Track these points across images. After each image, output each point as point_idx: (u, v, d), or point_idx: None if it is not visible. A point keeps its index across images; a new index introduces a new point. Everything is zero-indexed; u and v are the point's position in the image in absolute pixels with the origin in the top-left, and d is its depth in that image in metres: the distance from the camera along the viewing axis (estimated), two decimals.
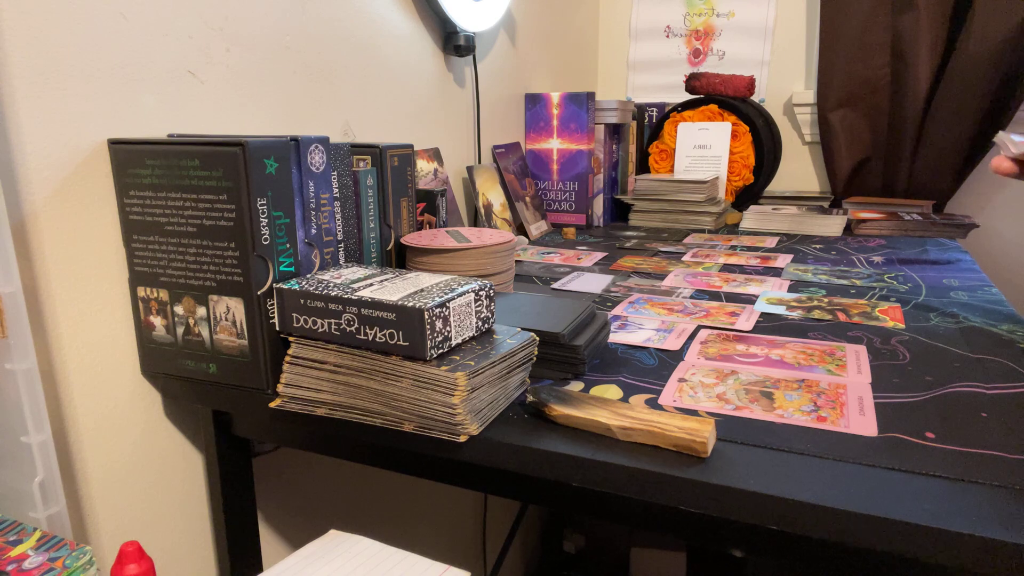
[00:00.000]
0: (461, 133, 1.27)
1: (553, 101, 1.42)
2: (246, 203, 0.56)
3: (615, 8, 1.92)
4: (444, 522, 1.33)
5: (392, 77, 1.06)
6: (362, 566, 0.41)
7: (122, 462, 0.68)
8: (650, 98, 1.91)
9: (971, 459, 0.47)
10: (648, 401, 0.58)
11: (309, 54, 0.88)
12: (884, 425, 0.52)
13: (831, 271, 1.04)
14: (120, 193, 0.63)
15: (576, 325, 0.65)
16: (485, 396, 0.54)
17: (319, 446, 0.64)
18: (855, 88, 1.57)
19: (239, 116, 0.78)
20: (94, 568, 0.46)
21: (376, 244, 0.75)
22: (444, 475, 0.58)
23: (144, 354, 0.67)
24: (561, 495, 0.54)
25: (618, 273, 1.04)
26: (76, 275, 0.62)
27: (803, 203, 1.63)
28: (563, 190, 1.45)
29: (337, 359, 0.57)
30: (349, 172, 0.69)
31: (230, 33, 0.76)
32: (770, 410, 0.56)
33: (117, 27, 0.64)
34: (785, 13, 1.74)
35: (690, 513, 0.48)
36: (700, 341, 0.72)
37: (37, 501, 0.52)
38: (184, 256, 0.61)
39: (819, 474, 0.46)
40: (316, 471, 0.96)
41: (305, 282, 0.59)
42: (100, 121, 0.63)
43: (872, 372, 0.63)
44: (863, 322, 0.78)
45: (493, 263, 0.79)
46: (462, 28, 1.17)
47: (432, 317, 0.52)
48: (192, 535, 0.77)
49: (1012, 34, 1.38)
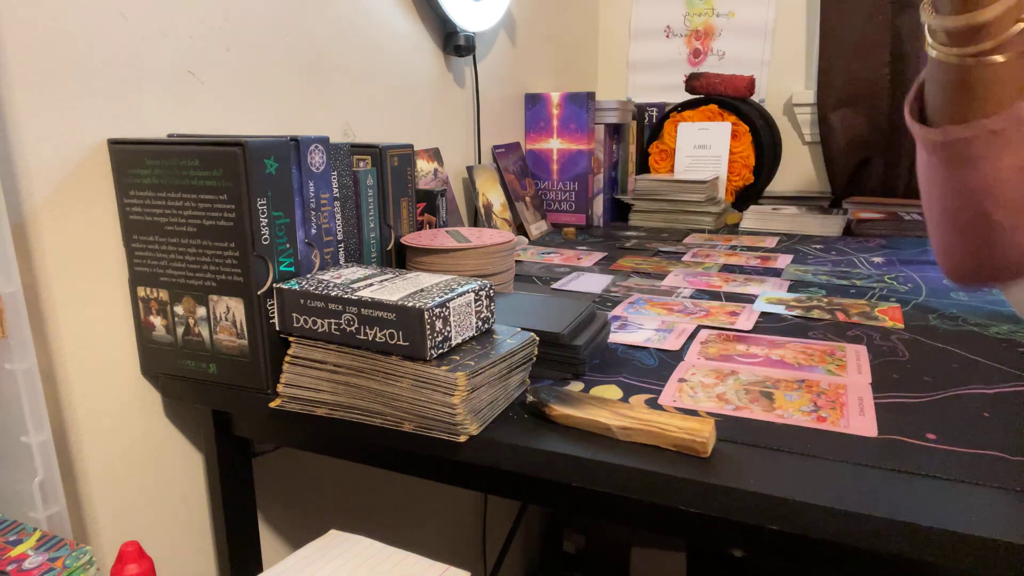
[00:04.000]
0: (461, 133, 1.27)
1: (553, 101, 1.42)
2: (246, 203, 0.56)
3: (615, 8, 1.92)
4: (444, 522, 1.33)
5: (392, 77, 1.06)
6: (362, 566, 0.41)
7: (122, 462, 0.68)
8: (650, 98, 1.91)
9: (971, 460, 0.47)
10: (648, 401, 0.58)
11: (309, 54, 0.88)
12: (884, 426, 0.52)
13: (831, 271, 1.04)
14: (120, 193, 0.63)
15: (576, 325, 0.65)
16: (485, 396, 0.54)
17: (319, 446, 0.64)
18: (855, 88, 1.57)
19: (239, 116, 0.78)
20: (94, 568, 0.46)
21: (376, 244, 0.75)
22: (444, 475, 0.58)
23: (144, 354, 0.67)
24: (561, 495, 0.54)
25: (618, 273, 1.04)
26: (76, 275, 0.62)
27: (803, 203, 1.63)
28: (563, 190, 1.45)
29: (337, 359, 0.57)
30: (349, 172, 0.69)
31: (230, 33, 0.76)
32: (770, 410, 0.56)
33: (117, 27, 0.64)
34: (785, 13, 1.74)
35: (690, 513, 0.48)
36: (700, 341, 0.72)
37: (37, 501, 0.52)
38: (184, 256, 0.61)
39: (819, 474, 0.46)
40: (316, 471, 0.96)
41: (305, 282, 0.59)
42: (100, 121, 0.63)
43: (872, 372, 0.63)
44: (862, 322, 0.78)
45: (493, 263, 0.79)
46: (462, 28, 1.17)
47: (432, 317, 0.52)
48: (192, 535, 0.77)
49: None
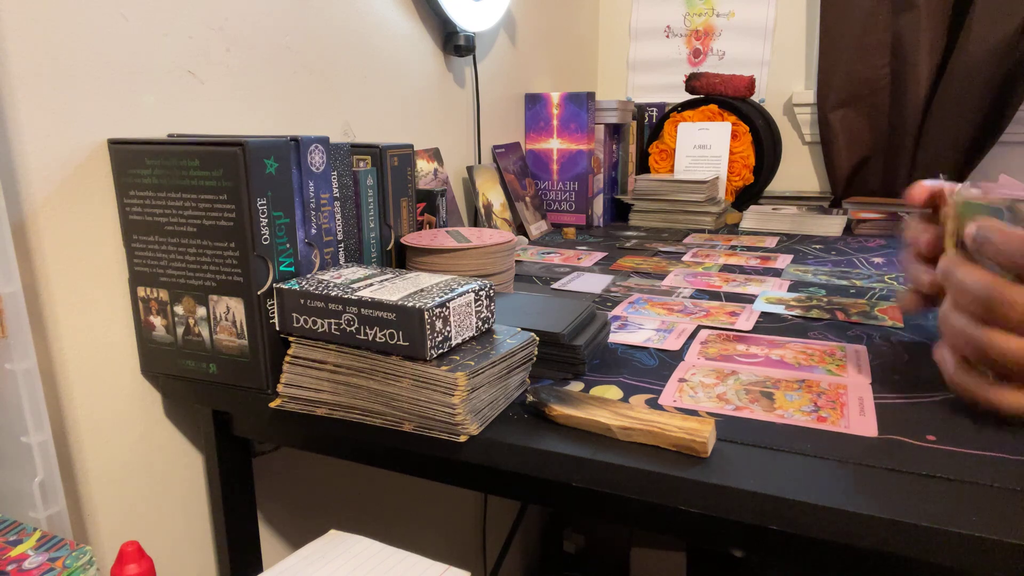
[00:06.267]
0: (461, 133, 1.27)
1: (553, 101, 1.42)
2: (246, 203, 0.56)
3: (615, 8, 1.92)
4: (444, 522, 1.33)
5: (392, 77, 1.05)
6: (362, 566, 0.41)
7: (122, 462, 0.68)
8: (650, 98, 1.91)
9: (971, 460, 0.47)
10: (648, 401, 0.58)
11: (309, 54, 0.88)
12: (884, 425, 0.52)
13: (831, 271, 1.04)
14: (120, 193, 0.63)
15: (576, 325, 0.65)
16: (485, 396, 0.54)
17: (319, 446, 0.64)
18: (855, 88, 1.57)
19: (239, 116, 0.78)
20: (94, 568, 0.46)
21: (376, 244, 0.75)
22: (444, 475, 0.58)
23: (144, 354, 0.67)
24: (561, 495, 0.54)
25: (618, 273, 1.04)
26: (76, 275, 0.62)
27: (803, 203, 1.63)
28: (563, 190, 1.45)
29: (337, 359, 0.57)
30: (349, 172, 0.69)
31: (230, 33, 0.76)
32: (770, 410, 0.56)
33: (117, 27, 0.64)
34: (785, 13, 1.74)
35: (690, 513, 0.48)
36: (700, 341, 0.72)
37: (37, 501, 0.52)
38: (184, 256, 0.61)
39: (819, 474, 0.46)
40: (316, 471, 0.96)
41: (305, 282, 0.59)
42: (100, 121, 0.63)
43: (872, 372, 0.63)
44: (862, 322, 0.78)
45: (493, 263, 0.79)
46: (462, 28, 1.17)
47: (432, 317, 0.52)
48: (192, 535, 0.77)
49: (1012, 34, 1.38)
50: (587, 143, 1.41)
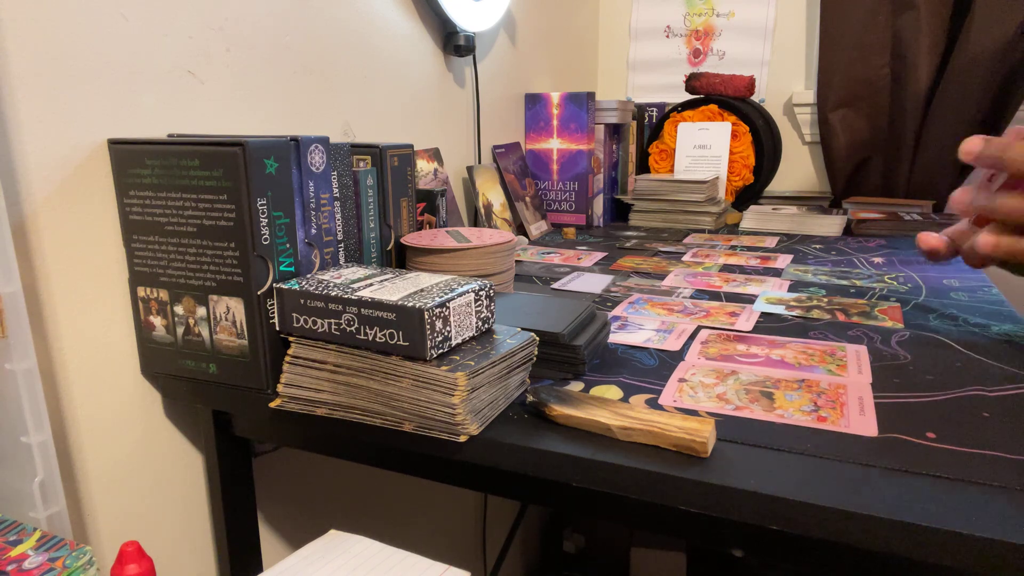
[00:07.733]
0: (461, 133, 1.27)
1: (553, 101, 1.42)
2: (246, 203, 0.56)
3: (615, 8, 1.92)
4: (444, 522, 1.33)
5: (392, 77, 1.06)
6: (362, 566, 0.41)
7: (122, 462, 0.68)
8: (650, 98, 1.91)
9: (972, 459, 0.47)
10: (648, 401, 0.58)
11: (309, 54, 0.88)
12: (884, 425, 0.52)
13: (831, 271, 1.04)
14: (120, 193, 0.63)
15: (576, 325, 0.65)
16: (485, 396, 0.54)
17: (319, 446, 0.64)
18: (855, 88, 1.57)
19: (239, 116, 0.78)
20: (94, 568, 0.46)
21: (376, 244, 0.75)
22: (444, 475, 0.58)
23: (144, 354, 0.67)
24: (561, 495, 0.54)
25: (618, 273, 1.04)
26: (76, 275, 0.62)
27: (803, 203, 1.63)
28: (563, 190, 1.45)
29: (337, 359, 0.57)
30: (349, 172, 0.69)
31: (230, 33, 0.76)
32: (770, 410, 0.56)
33: (117, 27, 0.64)
34: (785, 13, 1.74)
35: (690, 513, 0.48)
36: (700, 341, 0.72)
37: (37, 501, 0.52)
38: (184, 256, 0.61)
39: (819, 474, 0.46)
40: (316, 471, 0.96)
41: (305, 282, 0.59)
42: (100, 121, 0.63)
43: (872, 372, 0.63)
44: (862, 322, 0.78)
45: (493, 263, 0.79)
46: (462, 28, 1.17)
47: (432, 317, 0.52)
48: (192, 535, 0.77)
49: (1012, 34, 1.38)
50: (587, 143, 1.41)
